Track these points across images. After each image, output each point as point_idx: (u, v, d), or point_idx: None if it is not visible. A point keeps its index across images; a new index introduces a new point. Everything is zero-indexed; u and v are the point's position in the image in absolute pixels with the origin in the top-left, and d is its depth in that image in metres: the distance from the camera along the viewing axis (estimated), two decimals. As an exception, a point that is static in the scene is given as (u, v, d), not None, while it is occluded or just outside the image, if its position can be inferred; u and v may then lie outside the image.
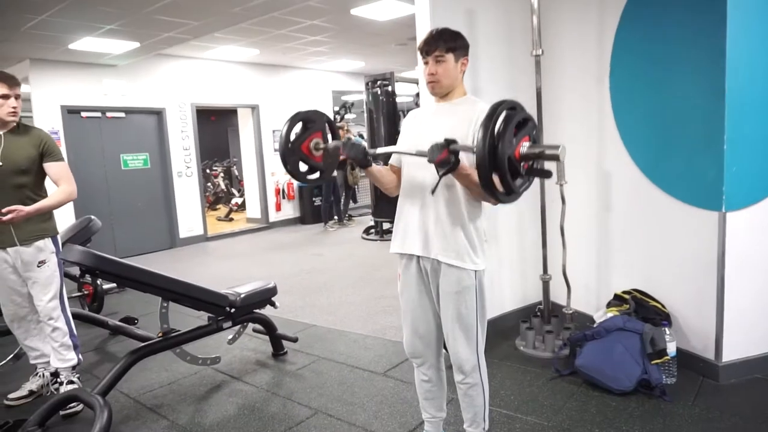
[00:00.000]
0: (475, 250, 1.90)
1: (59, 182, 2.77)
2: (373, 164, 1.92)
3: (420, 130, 1.98)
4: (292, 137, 1.94)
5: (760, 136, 2.65)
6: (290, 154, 1.94)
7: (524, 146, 1.53)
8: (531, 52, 3.12)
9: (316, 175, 2.04)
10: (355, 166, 8.94)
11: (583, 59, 3.34)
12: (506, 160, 1.47)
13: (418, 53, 1.93)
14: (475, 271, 1.90)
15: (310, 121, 1.98)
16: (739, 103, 2.57)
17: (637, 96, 3.06)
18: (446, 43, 1.86)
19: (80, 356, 2.98)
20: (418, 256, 1.95)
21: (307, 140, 1.95)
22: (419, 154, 1.75)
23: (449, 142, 1.61)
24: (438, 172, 1.65)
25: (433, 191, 1.76)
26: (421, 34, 3.10)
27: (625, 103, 3.14)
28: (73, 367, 2.94)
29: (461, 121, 1.85)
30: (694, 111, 2.75)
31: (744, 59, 2.56)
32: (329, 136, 2.01)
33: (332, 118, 10.19)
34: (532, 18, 3.08)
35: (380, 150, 1.95)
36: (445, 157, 1.60)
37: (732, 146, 2.59)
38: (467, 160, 1.72)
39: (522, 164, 1.54)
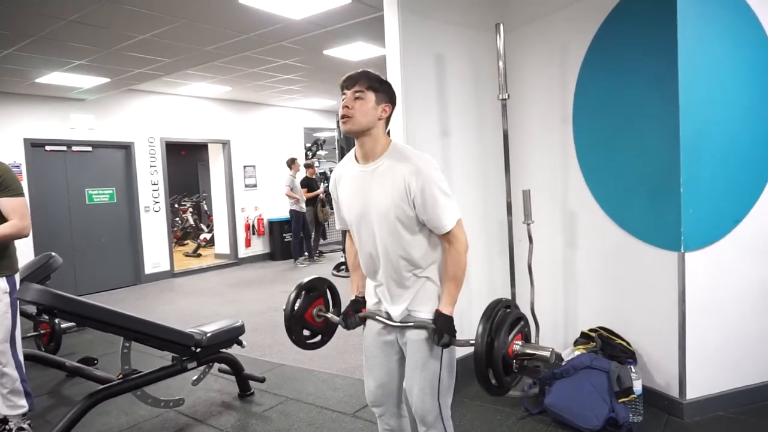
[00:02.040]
0: (435, 298, 1.86)
1: (10, 218, 2.66)
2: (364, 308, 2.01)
3: (357, 198, 1.85)
4: (297, 306, 2.06)
5: (714, 179, 2.78)
6: (294, 323, 2.05)
7: (517, 344, 1.66)
8: (498, 96, 3.23)
9: (318, 338, 2.16)
10: (325, 204, 8.90)
11: (547, 103, 3.47)
12: (501, 359, 1.60)
13: (339, 89, 1.81)
14: None
15: (313, 289, 2.10)
16: (693, 147, 2.71)
17: (598, 139, 3.18)
18: (370, 81, 1.75)
19: (32, 402, 2.83)
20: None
21: (310, 308, 2.08)
22: (417, 325, 1.83)
23: (446, 344, 1.75)
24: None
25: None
26: (392, 77, 3.20)
27: (587, 146, 3.26)
28: (24, 415, 2.79)
29: (394, 186, 1.74)
30: (652, 154, 2.87)
31: (698, 105, 2.70)
32: (330, 301, 2.16)
33: (306, 155, 10.14)
34: (498, 63, 3.20)
35: (380, 319, 1.95)
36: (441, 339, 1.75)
37: (688, 189, 2.71)
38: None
39: (514, 361, 1.66)
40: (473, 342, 1.63)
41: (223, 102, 8.85)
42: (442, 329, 1.74)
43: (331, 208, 9.61)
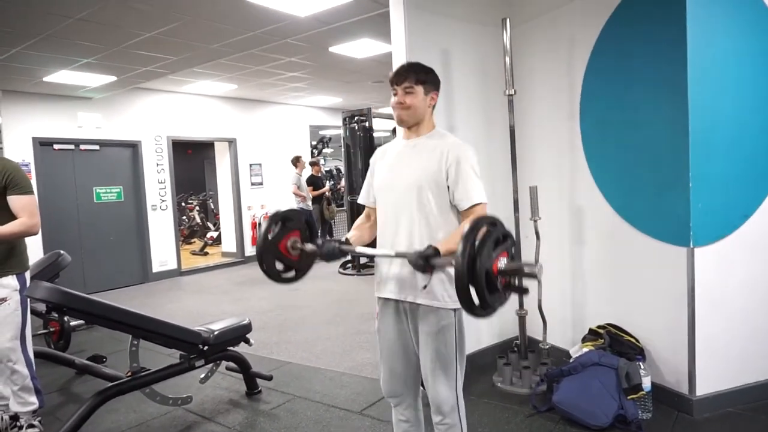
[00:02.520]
0: (454, 288, 1.88)
1: (19, 215, 2.67)
2: (349, 245, 1.90)
3: (391, 168, 1.98)
4: (271, 235, 1.93)
5: (724, 174, 2.75)
6: (267, 252, 1.93)
7: (502, 262, 1.56)
8: (504, 91, 3.22)
9: (291, 273, 2.02)
10: (331, 202, 8.84)
11: (554, 98, 3.45)
12: (484, 275, 1.50)
13: (389, 84, 1.94)
14: (454, 309, 1.89)
15: (289, 219, 1.98)
16: (703, 142, 2.68)
17: (606, 134, 3.16)
18: (417, 74, 1.88)
19: (43, 399, 2.85)
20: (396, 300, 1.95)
21: (285, 238, 1.94)
22: (399, 255, 1.77)
23: (428, 256, 1.62)
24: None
25: (425, 287, 1.83)
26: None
27: (595, 141, 3.24)
28: (34, 411, 2.81)
29: (431, 157, 1.88)
30: (660, 150, 2.85)
31: (707, 99, 2.68)
32: (308, 235, 2.01)
33: (311, 152, 10.05)
34: (505, 58, 3.18)
35: (359, 249, 1.93)
36: (426, 272, 1.68)
37: (697, 184, 2.68)
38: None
39: (499, 279, 1.56)
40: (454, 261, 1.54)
41: (229, 100, 8.86)
42: (426, 254, 1.63)
43: (338, 206, 9.66)
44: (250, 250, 9.25)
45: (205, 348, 3.13)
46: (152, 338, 2.96)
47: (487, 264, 1.50)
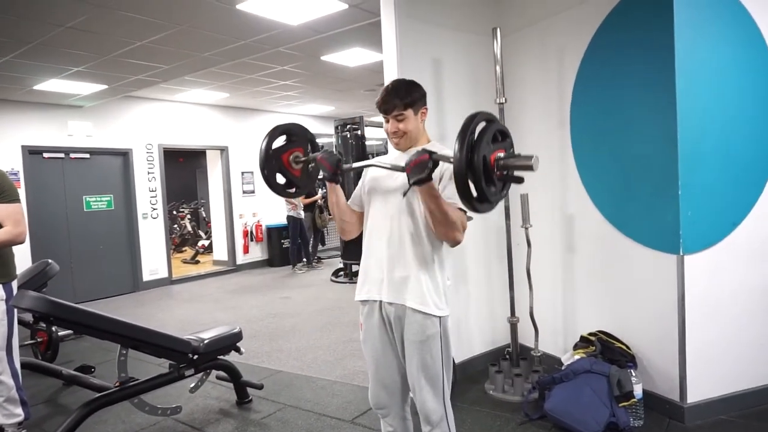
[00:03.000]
0: (440, 296, 1.88)
1: (4, 224, 2.63)
2: (350, 164, 1.94)
3: (386, 178, 1.95)
4: (274, 146, 1.94)
5: (713, 182, 2.77)
6: (269, 160, 1.93)
7: (499, 155, 1.57)
8: (495, 100, 3.23)
9: (292, 189, 2.04)
10: (323, 210, 8.67)
11: (545, 107, 3.48)
12: (482, 166, 1.50)
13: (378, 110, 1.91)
14: (440, 317, 1.87)
15: (293, 134, 1.98)
16: (692, 151, 2.70)
17: (596, 142, 3.18)
18: (403, 100, 1.85)
19: (29, 411, 2.81)
20: (381, 303, 1.91)
21: (288, 152, 1.95)
22: (394, 168, 1.78)
23: (429, 151, 1.63)
24: (409, 180, 1.64)
25: (404, 193, 1.79)
26: (390, 80, 3.19)
27: (585, 149, 3.26)
28: (20, 423, 2.76)
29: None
30: (650, 158, 2.87)
31: (695, 108, 2.70)
32: (310, 152, 2.03)
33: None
34: (495, 68, 3.20)
35: (355, 165, 1.96)
36: (424, 159, 1.60)
37: (686, 192, 2.70)
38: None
39: (496, 172, 1.56)
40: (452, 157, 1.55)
41: (221, 108, 8.85)
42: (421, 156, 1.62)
43: (329, 213, 9.61)
44: (241, 259, 9.21)
45: (195, 357, 3.10)
46: (141, 347, 2.92)
47: (482, 156, 1.51)
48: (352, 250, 7.21)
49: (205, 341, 3.13)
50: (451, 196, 1.79)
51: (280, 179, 2.00)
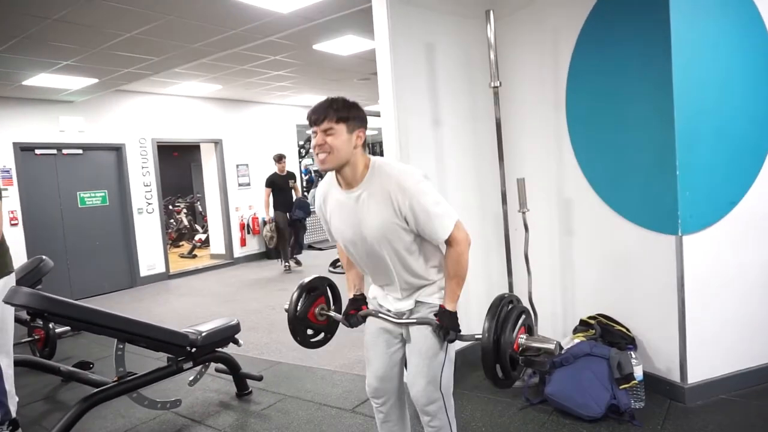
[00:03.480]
0: (441, 289, 1.90)
1: None
2: (366, 308, 2.03)
3: (347, 222, 1.82)
4: (299, 307, 2.11)
5: (710, 162, 2.75)
6: (298, 324, 2.10)
7: (522, 338, 1.72)
8: (489, 83, 3.19)
9: (321, 336, 2.22)
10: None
11: (540, 89, 3.44)
12: (508, 354, 1.66)
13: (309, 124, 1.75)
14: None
15: (314, 288, 2.14)
16: (689, 130, 2.68)
17: (592, 125, 3.15)
18: (337, 112, 1.67)
19: (6, 412, 2.71)
20: None
21: (312, 307, 2.12)
22: (420, 321, 1.85)
23: (447, 329, 1.79)
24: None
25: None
26: (382, 68, 3.15)
27: (581, 132, 3.23)
28: (2, 423, 2.71)
29: (381, 207, 1.72)
30: (647, 139, 2.84)
31: (692, 87, 2.68)
32: (330, 299, 2.20)
33: (299, 152, 9.56)
34: (489, 51, 3.16)
35: (382, 316, 1.97)
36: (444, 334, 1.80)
37: (684, 172, 2.68)
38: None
39: (520, 355, 1.71)
40: (479, 336, 1.69)
41: (214, 101, 8.77)
42: (447, 326, 1.77)
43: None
44: (238, 252, 9.18)
45: (193, 350, 3.08)
46: (138, 342, 2.90)
47: (509, 344, 1.66)
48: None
49: (203, 334, 3.11)
50: (432, 237, 1.77)
51: (309, 332, 2.18)
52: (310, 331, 2.15)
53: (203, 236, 10.76)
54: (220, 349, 3.30)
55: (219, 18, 4.32)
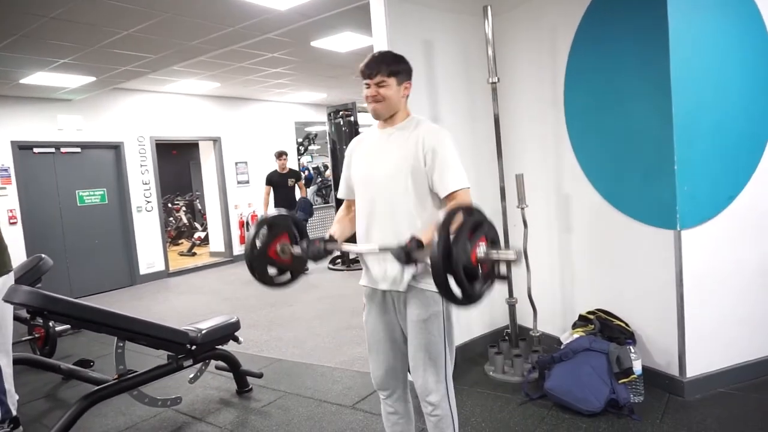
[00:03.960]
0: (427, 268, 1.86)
1: None
2: (334, 242, 1.88)
3: (368, 158, 1.95)
4: (259, 243, 1.91)
5: (708, 156, 2.76)
6: (256, 260, 1.90)
7: (481, 249, 1.51)
8: (487, 80, 3.19)
9: (287, 276, 2.01)
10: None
11: (538, 86, 3.44)
12: (461, 264, 1.45)
13: (360, 76, 1.87)
14: None
15: (275, 224, 1.95)
16: (686, 125, 2.68)
17: (591, 120, 3.15)
18: (388, 66, 1.82)
19: (12, 407, 2.73)
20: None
21: (273, 243, 1.92)
22: (383, 250, 1.71)
23: (410, 251, 1.57)
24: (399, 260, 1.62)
25: (414, 276, 1.82)
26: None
27: (580, 128, 3.23)
28: (2, 421, 2.71)
29: (407, 145, 1.84)
30: (645, 134, 2.84)
31: (690, 83, 2.68)
32: (296, 236, 1.97)
33: (298, 149, 9.28)
34: (487, 48, 3.16)
35: (345, 247, 1.90)
36: (405, 262, 1.60)
37: (682, 167, 2.68)
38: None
39: (480, 267, 1.50)
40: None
41: (213, 98, 8.76)
42: (410, 249, 1.58)
43: (324, 203, 9.52)
44: (238, 249, 9.17)
45: (193, 347, 3.09)
46: (138, 339, 2.91)
47: (463, 253, 1.45)
48: (350, 237, 7.17)
49: (203, 331, 3.12)
50: (439, 186, 1.78)
51: (272, 270, 1.97)
52: (273, 271, 1.97)
53: (202, 234, 10.76)
54: (220, 347, 3.30)
55: (217, 15, 4.31)
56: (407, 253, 1.57)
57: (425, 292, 1.84)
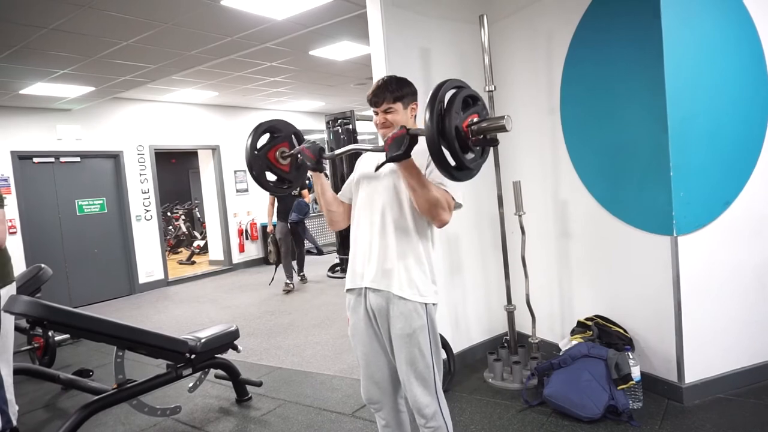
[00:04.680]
0: (427, 284, 1.86)
1: None
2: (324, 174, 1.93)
3: (374, 165, 1.94)
4: (259, 145, 1.93)
5: (704, 162, 2.77)
6: (256, 160, 1.93)
7: (473, 120, 1.56)
8: (484, 88, 3.22)
9: (284, 185, 2.05)
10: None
11: (535, 93, 3.46)
12: (454, 133, 1.49)
13: (369, 104, 1.94)
14: (425, 305, 1.85)
15: (276, 130, 1.98)
16: (682, 132, 2.70)
17: (587, 128, 3.17)
18: (392, 93, 1.88)
19: (13, 417, 2.74)
20: (366, 294, 1.90)
21: (273, 149, 1.95)
22: (376, 149, 1.79)
23: (406, 127, 1.64)
24: (387, 156, 1.63)
25: (376, 169, 1.82)
26: (378, 73, 3.17)
27: (576, 135, 3.25)
28: (3, 431, 2.72)
29: (415, 155, 1.81)
30: (641, 141, 2.86)
31: (685, 89, 2.70)
32: (296, 144, 2.01)
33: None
34: (484, 56, 3.19)
35: (338, 151, 1.94)
36: (400, 133, 1.60)
37: (678, 173, 2.70)
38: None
39: (471, 138, 1.55)
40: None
41: (211, 107, 8.80)
42: (402, 132, 1.61)
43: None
44: (237, 258, 9.18)
45: (192, 356, 3.09)
46: (137, 349, 2.91)
47: (456, 121, 1.50)
48: (348, 245, 7.14)
49: (202, 340, 3.12)
50: (437, 179, 1.80)
51: (271, 177, 2.00)
52: (272, 177, 1.99)
53: (202, 242, 10.76)
54: (219, 356, 3.30)
55: (215, 25, 4.34)
56: (404, 127, 1.61)
57: (407, 303, 1.82)
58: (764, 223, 2.92)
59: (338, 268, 7.74)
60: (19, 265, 5.97)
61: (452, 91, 1.55)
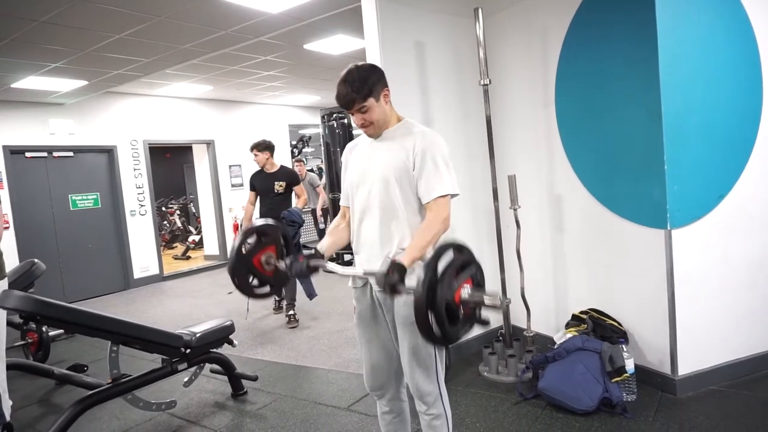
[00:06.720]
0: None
1: None
2: (318, 260, 1.84)
3: (362, 163, 1.95)
4: (245, 249, 1.87)
5: (698, 156, 2.78)
6: (240, 266, 1.87)
7: (465, 291, 1.50)
8: (479, 81, 3.21)
9: (266, 289, 1.96)
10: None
11: (530, 86, 3.46)
12: (444, 305, 1.43)
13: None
14: None
15: (264, 234, 1.92)
16: (676, 125, 2.71)
17: (582, 122, 3.18)
18: (360, 92, 1.78)
19: (6, 413, 2.72)
20: (371, 285, 1.91)
21: (260, 253, 1.88)
22: (367, 274, 1.73)
23: (394, 284, 1.56)
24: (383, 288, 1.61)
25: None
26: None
27: (571, 129, 3.25)
28: None
29: (399, 148, 1.85)
30: (635, 135, 2.87)
31: (679, 83, 2.70)
32: (283, 251, 1.93)
33: (292, 152, 9.06)
34: (479, 49, 3.18)
35: (329, 267, 1.83)
36: (390, 292, 1.58)
37: (672, 167, 2.71)
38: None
39: (462, 309, 1.49)
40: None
41: (206, 102, 8.75)
42: (392, 274, 1.57)
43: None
44: (232, 253, 9.13)
45: (187, 351, 3.08)
46: (132, 343, 2.89)
47: (448, 294, 1.44)
48: (345, 246, 7.14)
49: (197, 335, 3.11)
50: (423, 192, 1.80)
51: (253, 280, 1.93)
52: (254, 281, 1.92)
53: (197, 237, 10.74)
54: (214, 350, 3.30)
55: (209, 19, 4.31)
56: (392, 286, 1.56)
57: (412, 293, 1.83)
58: (757, 216, 2.93)
59: (333, 262, 7.70)
60: (12, 261, 5.93)
61: (451, 255, 1.50)
